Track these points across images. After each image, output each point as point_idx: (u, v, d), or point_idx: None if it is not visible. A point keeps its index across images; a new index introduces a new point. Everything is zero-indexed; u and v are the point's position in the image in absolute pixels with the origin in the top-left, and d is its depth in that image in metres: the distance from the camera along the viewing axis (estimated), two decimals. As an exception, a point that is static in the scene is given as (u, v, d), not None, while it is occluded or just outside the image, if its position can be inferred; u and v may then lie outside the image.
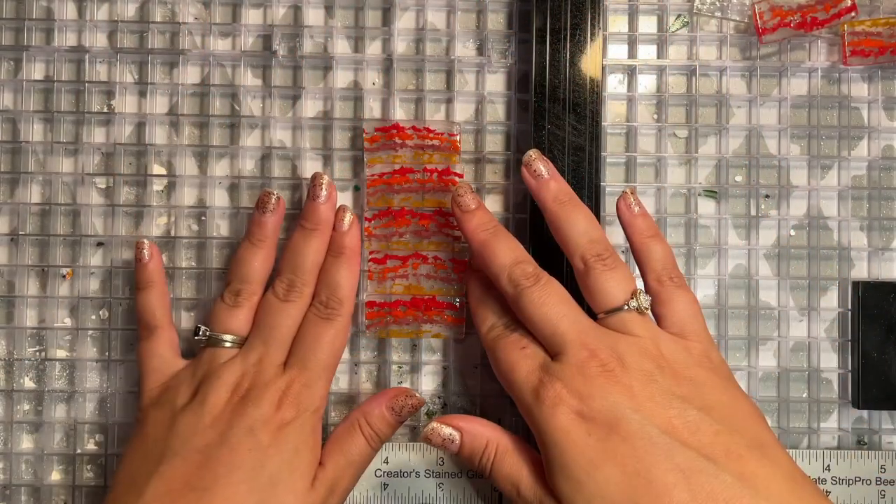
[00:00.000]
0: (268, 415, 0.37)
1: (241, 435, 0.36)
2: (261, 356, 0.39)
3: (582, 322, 0.36)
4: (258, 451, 0.36)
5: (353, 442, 0.38)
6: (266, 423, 0.36)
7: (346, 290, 0.40)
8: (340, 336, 0.40)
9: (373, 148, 0.43)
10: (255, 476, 0.35)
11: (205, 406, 0.37)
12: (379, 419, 0.39)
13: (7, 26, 0.44)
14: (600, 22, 0.42)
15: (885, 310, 0.43)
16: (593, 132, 0.42)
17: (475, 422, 0.37)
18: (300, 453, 0.37)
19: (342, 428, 0.39)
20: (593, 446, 0.33)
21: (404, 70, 0.45)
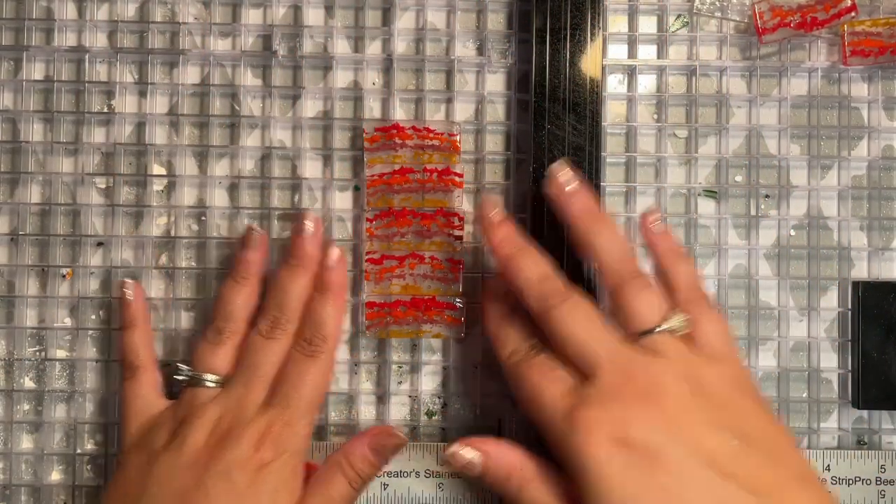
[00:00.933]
0: (246, 456, 0.36)
1: (216, 478, 0.35)
2: (241, 395, 0.38)
3: (614, 343, 0.35)
4: (234, 494, 0.35)
5: (335, 483, 0.38)
6: (244, 464, 0.36)
7: (331, 327, 0.39)
8: (324, 374, 0.39)
9: (373, 148, 0.43)
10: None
11: (182, 448, 0.37)
12: (361, 460, 0.38)
13: (7, 26, 0.44)
14: (600, 22, 0.42)
15: (885, 310, 0.43)
16: (593, 132, 0.42)
17: (499, 446, 0.36)
18: (279, 495, 0.36)
19: (323, 469, 0.38)
20: (634, 479, 0.31)
21: (404, 70, 0.45)
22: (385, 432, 0.39)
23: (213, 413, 0.38)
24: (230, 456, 0.36)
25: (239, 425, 0.37)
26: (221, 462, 0.36)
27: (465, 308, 0.43)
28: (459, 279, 0.43)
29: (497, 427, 0.44)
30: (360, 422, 0.44)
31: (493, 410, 0.44)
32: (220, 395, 0.39)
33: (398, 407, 0.44)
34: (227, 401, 0.38)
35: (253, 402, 0.38)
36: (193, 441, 0.37)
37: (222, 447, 0.36)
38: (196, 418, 0.37)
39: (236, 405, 0.38)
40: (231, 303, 0.40)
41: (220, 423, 0.37)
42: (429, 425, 0.44)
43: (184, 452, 0.36)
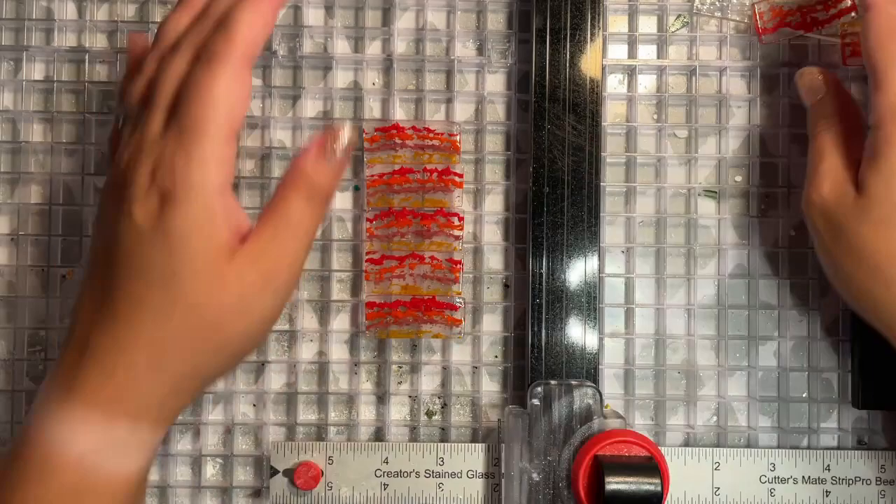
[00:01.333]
0: (143, 191, 0.31)
1: (121, 221, 0.31)
2: (142, 127, 0.32)
3: None
4: (138, 235, 0.30)
5: (288, 203, 0.32)
6: (143, 201, 0.30)
7: (241, 30, 0.32)
8: (227, 87, 0.31)
9: (373, 148, 0.43)
10: (146, 270, 0.30)
11: (100, 201, 0.33)
12: (312, 167, 0.33)
13: (7, 26, 0.44)
14: (600, 22, 0.42)
15: (885, 310, 0.43)
16: (593, 132, 0.42)
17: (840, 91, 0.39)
18: (192, 239, 0.30)
19: (272, 198, 0.33)
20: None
21: (404, 70, 0.45)
22: (329, 130, 0.33)
23: (123, 154, 0.32)
24: (128, 193, 0.31)
25: (135, 159, 0.31)
26: (124, 203, 0.31)
27: (465, 308, 0.43)
28: (459, 279, 0.43)
29: (497, 427, 0.44)
30: (360, 422, 0.44)
31: (493, 411, 0.44)
32: (131, 129, 0.33)
33: (398, 407, 0.44)
34: (131, 136, 0.32)
35: (152, 132, 0.31)
36: (106, 186, 0.33)
37: (123, 186, 0.31)
38: (112, 163, 0.33)
39: (138, 139, 0.32)
40: (163, 27, 0.34)
41: (126, 160, 0.32)
42: (429, 425, 0.44)
43: (102, 202, 0.33)
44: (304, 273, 0.44)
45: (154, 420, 0.31)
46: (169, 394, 0.31)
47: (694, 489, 0.41)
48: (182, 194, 0.30)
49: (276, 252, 0.32)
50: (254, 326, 0.32)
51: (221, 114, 0.31)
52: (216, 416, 0.44)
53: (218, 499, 0.44)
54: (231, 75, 0.31)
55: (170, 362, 0.31)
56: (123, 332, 0.30)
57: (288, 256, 0.32)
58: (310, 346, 0.44)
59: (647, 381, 0.44)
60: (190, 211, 0.30)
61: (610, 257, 0.44)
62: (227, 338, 0.32)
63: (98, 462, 0.30)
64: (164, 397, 0.31)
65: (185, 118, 0.31)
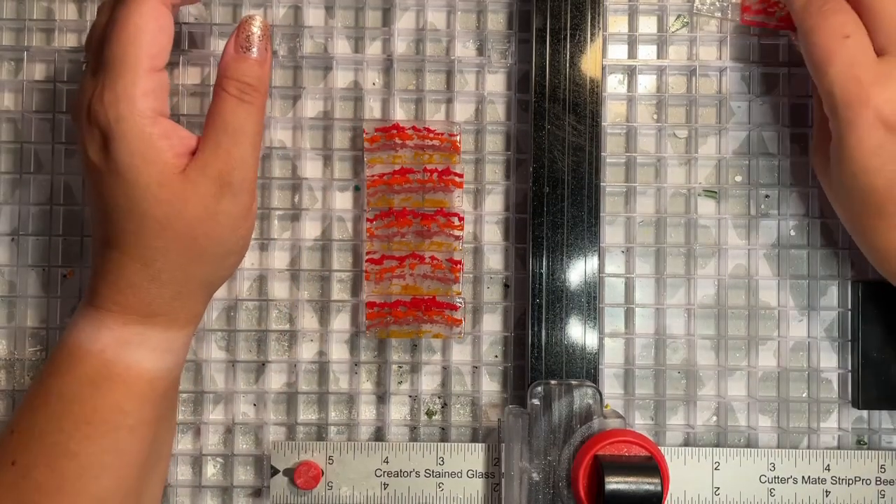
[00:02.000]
0: (87, 138, 0.33)
1: (86, 171, 0.35)
2: (84, 71, 0.35)
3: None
4: (102, 179, 0.34)
5: (222, 107, 0.34)
6: (90, 147, 0.33)
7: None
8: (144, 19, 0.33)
9: (373, 148, 0.43)
10: (114, 203, 0.34)
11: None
12: (234, 65, 0.34)
13: (7, 27, 0.44)
14: (600, 22, 0.42)
15: (885, 310, 0.43)
16: (593, 132, 0.42)
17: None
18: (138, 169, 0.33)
19: (209, 108, 0.35)
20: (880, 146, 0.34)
21: (404, 70, 0.45)
22: (243, 23, 0.35)
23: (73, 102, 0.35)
24: (79, 138, 0.34)
25: (78, 104, 0.34)
26: (79, 148, 0.34)
27: (465, 307, 0.43)
28: (459, 279, 0.43)
29: (497, 427, 0.44)
30: (360, 421, 0.44)
31: (492, 411, 0.44)
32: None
33: (398, 407, 0.44)
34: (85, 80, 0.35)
35: (86, 76, 0.34)
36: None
37: (78, 130, 0.34)
38: None
39: (80, 85, 0.35)
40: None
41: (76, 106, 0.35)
42: (429, 425, 0.44)
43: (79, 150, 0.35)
44: (304, 273, 0.44)
45: (167, 324, 0.35)
46: (173, 299, 0.35)
47: (694, 489, 0.41)
48: (116, 128, 0.33)
49: (223, 157, 0.34)
50: (225, 231, 0.35)
51: (139, 47, 0.33)
52: (216, 416, 0.44)
53: (218, 498, 0.44)
54: (145, 11, 0.33)
55: (164, 274, 0.34)
56: (119, 255, 0.34)
57: (234, 158, 0.34)
58: (310, 346, 0.44)
59: (647, 381, 0.44)
60: (127, 142, 0.33)
61: (610, 257, 0.44)
62: (203, 246, 0.35)
63: (116, 355, 0.34)
64: (172, 304, 0.35)
65: (107, 55, 0.33)
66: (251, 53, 0.35)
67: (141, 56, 0.33)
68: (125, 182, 0.33)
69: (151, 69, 0.33)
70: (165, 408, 0.37)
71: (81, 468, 0.33)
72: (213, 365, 0.44)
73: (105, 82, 0.33)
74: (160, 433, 0.36)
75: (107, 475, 0.34)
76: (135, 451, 0.35)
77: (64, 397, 0.34)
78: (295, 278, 0.44)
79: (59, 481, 0.33)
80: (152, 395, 0.35)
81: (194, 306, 0.37)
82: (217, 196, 0.34)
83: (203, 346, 0.44)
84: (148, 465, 0.36)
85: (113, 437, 0.34)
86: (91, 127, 0.33)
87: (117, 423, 0.34)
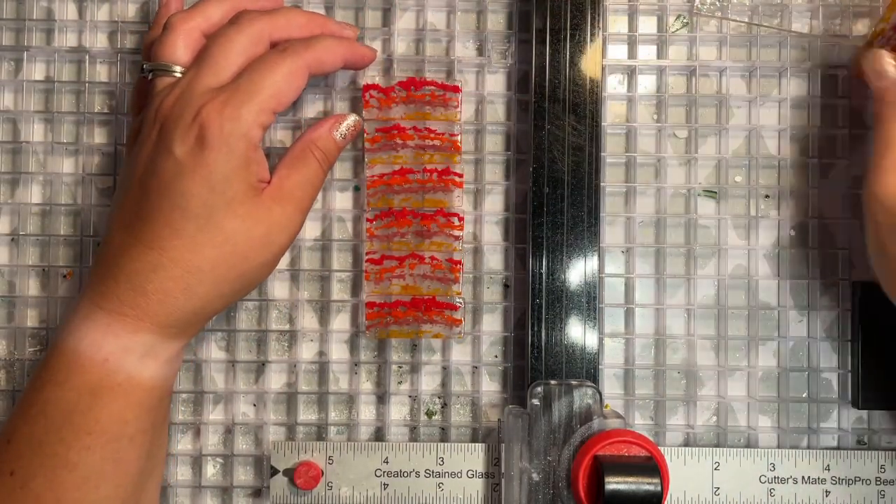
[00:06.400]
0: (181, 135, 0.35)
1: (162, 160, 0.35)
2: (192, 78, 0.36)
3: None
4: (182, 175, 0.34)
5: (305, 155, 0.38)
6: (182, 143, 0.35)
7: (323, 55, 0.38)
8: (291, 72, 0.37)
9: (373, 148, 0.43)
10: (185, 202, 0.34)
11: (140, 136, 0.36)
12: (326, 142, 0.39)
13: (7, 27, 0.44)
14: (600, 22, 0.42)
15: (885, 310, 0.43)
16: (593, 132, 0.42)
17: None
18: (230, 183, 0.35)
19: (291, 155, 0.39)
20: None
21: (404, 70, 0.45)
22: (342, 117, 0.40)
23: (166, 99, 0.36)
24: (170, 132, 0.35)
25: (181, 104, 0.36)
26: (164, 140, 0.35)
27: (465, 307, 0.43)
28: (459, 279, 0.43)
29: (497, 427, 0.44)
30: (360, 422, 0.44)
31: (492, 411, 0.44)
32: (174, 82, 0.37)
33: (398, 407, 0.44)
34: (174, 87, 0.37)
35: (203, 85, 0.36)
36: (148, 128, 0.36)
37: (166, 124, 0.35)
38: (150, 106, 0.37)
39: (185, 88, 0.36)
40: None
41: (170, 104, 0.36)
42: (429, 425, 0.44)
43: (141, 140, 0.36)
44: (304, 273, 0.44)
45: (175, 335, 0.36)
46: (194, 314, 0.36)
47: (694, 489, 0.41)
48: (223, 138, 0.35)
49: (295, 194, 0.37)
50: (273, 257, 0.37)
51: (275, 90, 0.36)
52: (216, 416, 0.44)
53: (218, 498, 0.44)
54: (296, 70, 0.37)
55: (200, 287, 0.35)
56: (158, 257, 0.34)
57: (302, 199, 0.38)
58: (310, 346, 0.44)
59: (647, 381, 0.44)
60: (230, 154, 0.35)
61: (610, 257, 0.44)
62: (251, 267, 0.36)
63: (119, 366, 0.34)
64: (190, 317, 0.35)
65: (245, 82, 0.36)
66: (338, 135, 0.40)
67: (272, 96, 0.36)
68: (210, 187, 0.35)
69: (273, 111, 0.36)
70: (162, 416, 0.37)
71: (81, 479, 0.33)
72: (213, 365, 0.44)
73: (230, 99, 0.35)
74: (156, 440, 0.36)
75: (106, 485, 0.34)
76: (133, 460, 0.35)
77: (63, 407, 0.33)
78: (295, 278, 0.44)
79: (58, 492, 0.33)
80: (150, 404, 0.35)
81: (205, 322, 0.38)
82: (282, 225, 0.37)
83: (203, 346, 0.44)
84: (145, 472, 0.36)
85: (113, 447, 0.34)
86: (193, 125, 0.35)
87: (118, 434, 0.34)
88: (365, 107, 0.42)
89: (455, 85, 0.43)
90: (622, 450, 0.38)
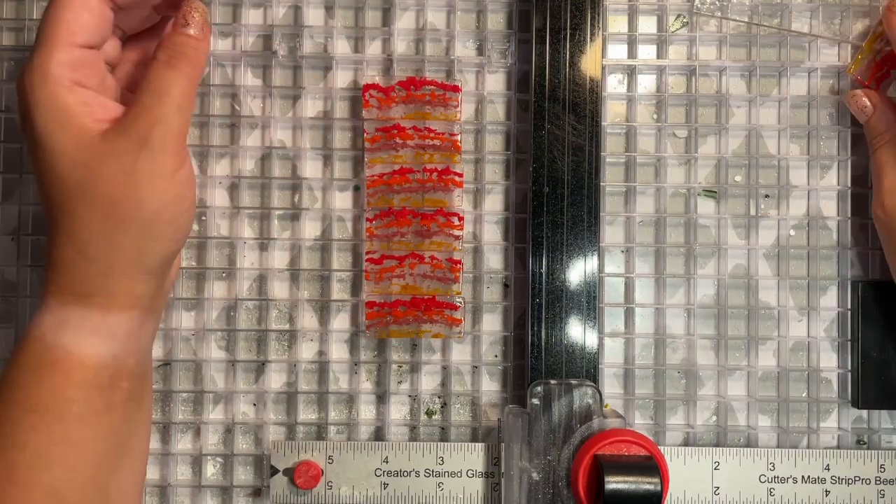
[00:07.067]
0: (19, 110, 0.34)
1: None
2: None
3: None
4: (30, 152, 0.34)
5: (149, 71, 0.34)
6: (19, 115, 0.34)
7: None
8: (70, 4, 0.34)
9: (373, 148, 0.43)
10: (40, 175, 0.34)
11: None
12: (169, 36, 0.35)
13: (7, 27, 0.44)
14: (600, 22, 0.42)
15: (885, 310, 0.43)
16: (593, 132, 0.42)
17: (885, 104, 0.42)
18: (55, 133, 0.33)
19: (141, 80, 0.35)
20: None
21: (404, 70, 0.45)
22: (183, 4, 0.36)
23: None
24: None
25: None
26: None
27: (465, 307, 0.43)
28: (459, 279, 0.43)
29: (497, 426, 0.44)
30: (360, 421, 0.44)
31: (492, 411, 0.44)
32: None
33: (398, 407, 0.44)
34: None
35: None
36: None
37: None
38: None
39: None
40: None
41: None
42: (429, 425, 0.44)
43: None
44: (304, 273, 0.44)
45: (103, 304, 0.34)
46: (104, 276, 0.34)
47: (694, 489, 0.41)
48: (31, 96, 0.33)
49: (143, 115, 0.33)
50: (144, 192, 0.33)
51: (58, 22, 0.33)
52: (216, 416, 0.44)
53: (218, 498, 0.44)
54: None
55: (89, 247, 0.33)
56: (52, 232, 0.34)
57: (154, 116, 0.33)
58: (310, 345, 0.44)
59: (647, 381, 0.44)
60: (42, 109, 0.33)
61: (610, 257, 0.44)
62: (124, 209, 0.33)
63: (55, 339, 0.33)
64: (101, 280, 0.34)
65: (38, 33, 0.34)
66: (187, 28, 0.35)
67: (59, 30, 0.33)
68: (43, 149, 0.33)
69: (71, 44, 0.33)
70: (118, 397, 0.35)
71: (31, 458, 0.32)
72: (213, 365, 0.44)
73: (29, 56, 0.33)
74: (118, 423, 0.35)
75: (59, 466, 0.33)
76: (87, 441, 0.33)
77: (11, 386, 0.33)
78: (295, 278, 0.44)
79: (10, 472, 0.32)
80: (98, 382, 0.34)
81: (130, 286, 0.34)
82: (134, 153, 0.33)
83: (203, 346, 0.44)
84: (109, 456, 0.34)
85: (60, 426, 0.33)
86: (19, 100, 0.34)
87: (62, 412, 0.33)
88: (365, 106, 0.42)
89: (455, 85, 0.43)
90: (622, 449, 0.38)
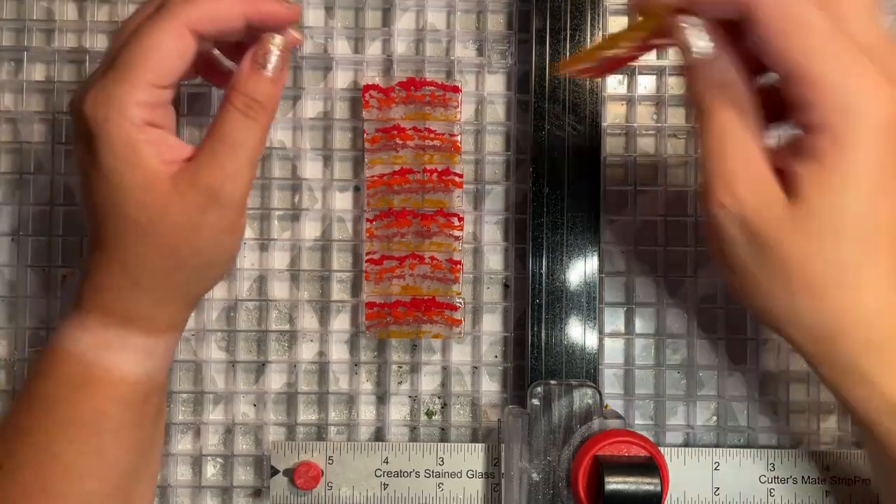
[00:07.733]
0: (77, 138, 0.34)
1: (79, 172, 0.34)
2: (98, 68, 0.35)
3: None
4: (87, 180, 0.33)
5: (223, 119, 0.33)
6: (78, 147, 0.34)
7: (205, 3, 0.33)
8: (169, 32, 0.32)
9: (373, 148, 0.43)
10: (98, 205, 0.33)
11: None
12: (247, 79, 0.34)
13: (7, 27, 0.44)
14: (600, 22, 0.42)
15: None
16: (593, 132, 0.42)
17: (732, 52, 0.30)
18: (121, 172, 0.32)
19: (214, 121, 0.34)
20: None
21: (404, 70, 0.45)
22: (264, 40, 0.34)
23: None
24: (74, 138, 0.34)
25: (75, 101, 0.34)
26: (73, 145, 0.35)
27: (465, 307, 0.43)
28: (459, 279, 0.43)
29: (497, 427, 0.44)
30: (360, 422, 0.44)
31: (492, 411, 0.44)
32: None
33: (398, 407, 0.44)
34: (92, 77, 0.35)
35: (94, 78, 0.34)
36: None
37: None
38: None
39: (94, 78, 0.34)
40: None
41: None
42: (429, 425, 0.44)
43: None
44: (304, 273, 0.44)
45: (146, 327, 0.35)
46: (153, 305, 0.35)
47: (694, 489, 0.41)
48: (102, 128, 0.32)
49: (216, 168, 0.33)
50: (208, 244, 0.34)
51: (148, 59, 0.32)
52: (216, 416, 0.44)
53: (218, 498, 0.44)
54: (166, 28, 0.32)
55: (143, 279, 0.34)
56: (100, 256, 0.34)
57: (227, 171, 0.33)
58: (310, 346, 0.44)
59: (647, 381, 0.44)
60: (112, 144, 0.32)
61: (610, 257, 0.44)
62: (184, 256, 0.34)
63: (97, 357, 0.34)
64: (149, 308, 0.35)
65: (116, 61, 0.33)
66: (266, 71, 0.34)
67: (148, 68, 0.32)
68: (108, 183, 0.33)
69: (153, 84, 0.33)
70: (149, 413, 0.36)
71: (65, 470, 0.33)
72: (213, 365, 0.44)
73: (103, 83, 0.32)
74: (145, 438, 0.36)
75: (90, 478, 0.34)
76: (118, 455, 0.35)
77: (47, 399, 0.34)
78: (295, 278, 0.44)
79: (43, 483, 0.33)
80: (132, 398, 0.35)
81: (175, 313, 0.36)
82: (202, 207, 0.33)
83: (203, 346, 0.44)
84: (134, 471, 0.35)
85: (95, 440, 0.34)
86: (79, 124, 0.33)
87: (99, 426, 0.34)
88: (365, 107, 0.42)
89: (455, 85, 0.43)
90: (622, 450, 0.38)
